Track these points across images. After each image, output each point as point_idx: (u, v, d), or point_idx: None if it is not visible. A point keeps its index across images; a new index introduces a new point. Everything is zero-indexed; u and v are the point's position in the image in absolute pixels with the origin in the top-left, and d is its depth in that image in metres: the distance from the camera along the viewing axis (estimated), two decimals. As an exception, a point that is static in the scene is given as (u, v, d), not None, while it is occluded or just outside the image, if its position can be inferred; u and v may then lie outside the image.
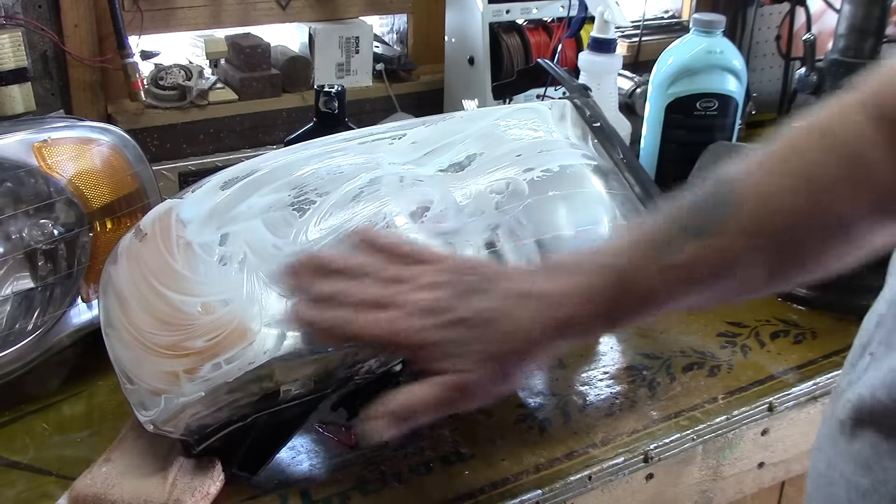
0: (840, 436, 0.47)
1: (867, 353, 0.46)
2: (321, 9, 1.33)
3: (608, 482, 0.75)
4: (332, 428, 0.77)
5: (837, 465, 0.47)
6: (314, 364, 0.63)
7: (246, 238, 0.67)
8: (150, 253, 0.69)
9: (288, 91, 1.31)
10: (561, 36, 1.36)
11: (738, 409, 0.82)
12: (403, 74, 1.42)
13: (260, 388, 0.63)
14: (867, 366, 0.46)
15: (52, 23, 1.12)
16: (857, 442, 0.45)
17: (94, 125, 0.85)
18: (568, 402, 0.82)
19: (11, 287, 0.79)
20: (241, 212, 0.69)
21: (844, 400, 0.47)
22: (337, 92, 1.03)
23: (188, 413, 0.64)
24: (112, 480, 0.67)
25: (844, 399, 0.47)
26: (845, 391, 0.48)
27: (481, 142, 0.77)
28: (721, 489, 0.85)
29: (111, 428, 0.75)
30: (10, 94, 1.06)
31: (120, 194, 0.84)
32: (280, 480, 0.71)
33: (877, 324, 0.46)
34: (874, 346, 0.45)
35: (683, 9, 1.71)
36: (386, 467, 0.73)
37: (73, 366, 0.83)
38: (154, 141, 1.23)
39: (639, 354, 0.90)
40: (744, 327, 0.95)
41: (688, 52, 1.13)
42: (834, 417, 0.48)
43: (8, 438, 0.75)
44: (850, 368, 0.48)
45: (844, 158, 0.48)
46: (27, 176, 0.79)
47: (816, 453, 0.51)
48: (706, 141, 1.13)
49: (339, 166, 0.72)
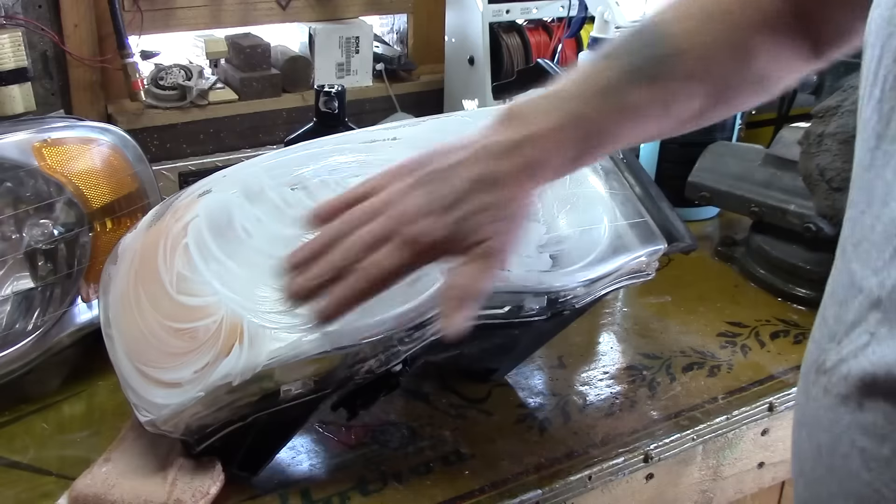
0: (842, 409, 0.48)
1: (862, 332, 0.47)
2: (321, 9, 1.33)
3: (608, 482, 0.75)
4: (332, 428, 0.77)
5: (846, 437, 0.48)
6: (314, 364, 0.63)
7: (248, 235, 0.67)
8: (149, 253, 0.69)
9: (288, 91, 1.31)
10: (561, 36, 1.36)
11: (738, 409, 0.82)
12: (403, 74, 1.43)
13: (260, 388, 0.63)
14: (867, 343, 0.46)
15: (52, 23, 1.12)
16: (868, 414, 0.46)
17: (94, 125, 0.85)
18: (568, 402, 0.82)
19: (11, 287, 0.79)
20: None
21: (839, 376, 0.48)
22: (337, 92, 1.03)
23: (188, 413, 0.64)
24: (112, 480, 0.67)
25: (839, 375, 0.48)
26: (837, 367, 0.48)
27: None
28: (721, 489, 0.85)
29: (111, 428, 0.75)
30: (10, 94, 1.06)
31: (120, 194, 0.84)
32: (280, 480, 0.71)
33: (871, 305, 0.46)
34: (872, 325, 0.46)
35: (683, 9, 1.71)
36: (386, 467, 0.73)
37: (73, 366, 0.83)
38: (154, 141, 1.23)
39: (639, 354, 0.90)
40: (744, 327, 0.95)
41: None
42: (829, 394, 0.49)
43: (8, 438, 0.75)
44: (835, 345, 0.49)
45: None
46: (27, 176, 0.79)
47: (810, 429, 0.52)
48: (706, 141, 1.13)
49: (337, 166, 0.72)
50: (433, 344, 0.67)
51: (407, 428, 0.78)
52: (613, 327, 0.96)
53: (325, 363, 0.63)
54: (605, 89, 0.59)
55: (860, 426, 0.47)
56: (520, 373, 0.86)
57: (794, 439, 0.56)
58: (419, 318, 0.64)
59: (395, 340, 0.65)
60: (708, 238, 1.16)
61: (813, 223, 0.98)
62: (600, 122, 0.59)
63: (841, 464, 0.48)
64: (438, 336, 0.64)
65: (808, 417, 0.53)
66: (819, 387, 0.51)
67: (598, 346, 0.92)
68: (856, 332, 0.48)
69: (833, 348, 0.50)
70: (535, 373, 0.86)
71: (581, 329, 0.93)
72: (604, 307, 0.98)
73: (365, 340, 0.63)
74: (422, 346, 0.66)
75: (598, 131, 0.59)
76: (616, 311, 0.99)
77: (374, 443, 0.76)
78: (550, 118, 0.58)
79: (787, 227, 1.02)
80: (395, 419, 0.79)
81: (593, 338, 0.93)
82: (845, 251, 0.51)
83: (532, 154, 0.57)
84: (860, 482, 0.47)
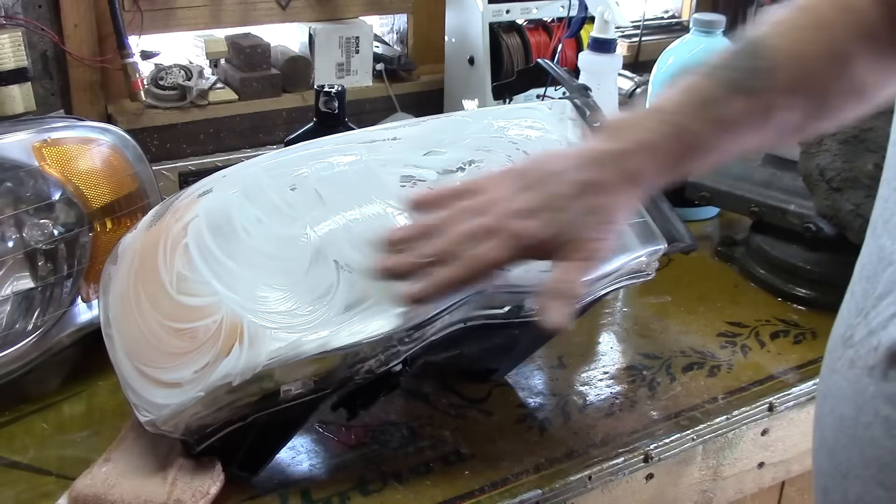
0: (867, 379, 0.50)
1: (891, 302, 0.50)
2: (321, 9, 1.33)
3: (608, 482, 0.75)
4: (332, 428, 0.77)
5: (870, 407, 0.50)
6: (314, 364, 0.63)
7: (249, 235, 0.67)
8: (149, 253, 0.69)
9: (288, 91, 1.31)
10: (561, 36, 1.36)
11: (738, 409, 0.82)
12: (403, 74, 1.42)
13: (260, 388, 0.63)
14: (893, 315, 0.50)
15: (52, 23, 1.12)
16: (893, 383, 0.49)
17: (94, 125, 0.85)
18: (568, 402, 0.82)
19: (11, 287, 0.79)
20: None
21: (868, 348, 0.50)
22: (337, 92, 1.03)
23: (188, 413, 0.64)
24: (112, 480, 0.67)
25: (867, 347, 0.51)
26: (865, 339, 0.51)
27: (481, 142, 0.77)
28: (721, 489, 0.85)
29: (111, 428, 0.75)
30: (10, 94, 1.06)
31: (120, 194, 0.84)
32: (280, 480, 0.71)
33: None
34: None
35: (683, 9, 1.72)
36: (386, 467, 0.73)
37: (73, 366, 0.83)
38: (154, 141, 1.23)
39: (639, 354, 0.90)
40: (744, 327, 0.95)
41: (688, 52, 1.13)
42: (855, 366, 0.51)
43: (8, 438, 0.75)
44: (862, 319, 0.52)
45: (841, 10, 0.59)
46: (27, 176, 0.79)
47: (834, 402, 0.54)
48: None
49: (337, 166, 0.72)
50: (433, 344, 0.67)
51: (407, 428, 0.78)
52: (613, 327, 0.96)
53: (325, 363, 0.63)
54: (703, 102, 0.60)
55: (885, 395, 0.49)
56: (520, 373, 0.86)
57: (817, 413, 0.58)
58: (419, 318, 0.65)
59: (395, 340, 0.65)
60: (708, 238, 1.16)
61: (813, 223, 0.98)
62: (699, 134, 0.60)
63: (863, 433, 0.50)
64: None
65: (833, 390, 0.55)
66: (845, 360, 0.53)
67: (598, 346, 0.92)
68: (884, 303, 0.50)
69: (861, 322, 0.52)
70: (535, 373, 0.86)
71: (581, 329, 0.93)
72: (604, 307, 0.98)
73: (365, 340, 0.63)
74: (422, 346, 0.66)
75: (696, 143, 0.61)
76: (616, 311, 0.99)
77: (374, 443, 0.76)
78: (651, 130, 0.61)
79: (787, 227, 1.02)
80: (395, 419, 0.79)
81: (593, 338, 0.93)
82: (875, 228, 0.54)
83: (633, 164, 0.60)
84: (883, 450, 0.49)
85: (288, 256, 0.66)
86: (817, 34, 0.60)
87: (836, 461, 0.54)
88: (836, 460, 0.54)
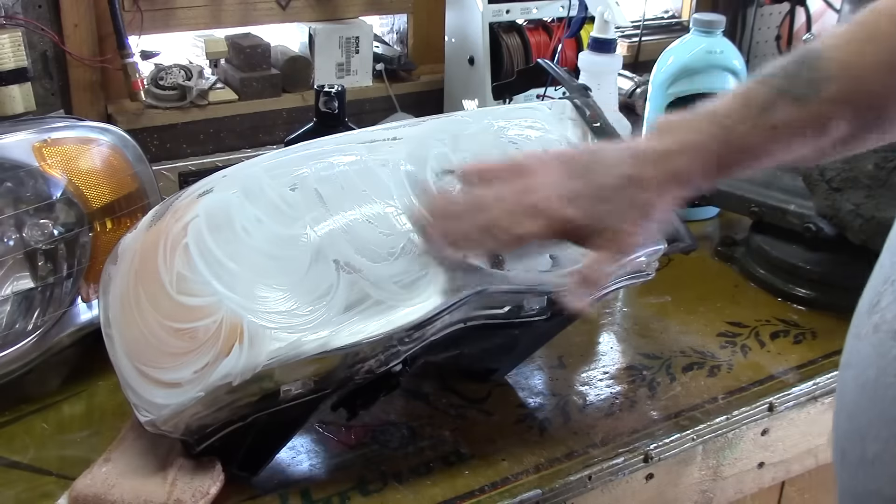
0: (891, 342, 0.52)
1: None
2: (321, 9, 1.33)
3: (608, 482, 0.75)
4: (332, 428, 0.77)
5: (891, 368, 0.52)
6: (314, 364, 0.63)
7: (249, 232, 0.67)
8: (149, 253, 0.69)
9: (288, 91, 1.31)
10: (561, 36, 1.36)
11: (738, 409, 0.82)
12: (403, 74, 1.42)
13: (260, 388, 0.63)
14: None
15: (52, 23, 1.12)
16: None
17: (94, 125, 0.85)
18: (568, 402, 0.82)
19: (11, 287, 0.79)
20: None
21: (894, 312, 0.53)
22: (337, 92, 1.03)
23: (188, 413, 0.64)
24: (112, 480, 0.67)
25: (893, 311, 0.53)
26: (892, 304, 0.53)
27: (481, 143, 0.77)
28: (721, 489, 0.85)
29: (111, 428, 0.75)
30: (10, 94, 1.06)
31: (120, 194, 0.84)
32: (280, 480, 0.71)
33: None
34: None
35: (683, 9, 1.72)
36: (386, 467, 0.73)
37: (73, 366, 0.83)
38: (154, 141, 1.23)
39: (639, 354, 0.90)
40: (744, 327, 0.95)
41: (688, 52, 1.13)
42: (879, 330, 0.54)
43: (8, 438, 0.75)
44: (890, 286, 0.54)
45: None
46: (27, 176, 0.79)
47: (856, 368, 0.56)
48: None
49: (337, 166, 0.72)
50: (433, 344, 0.67)
51: (407, 428, 0.78)
52: (613, 327, 0.96)
53: (325, 363, 0.63)
54: (755, 107, 0.61)
55: None
56: (520, 373, 0.86)
57: (840, 380, 0.60)
58: (419, 318, 0.65)
59: (395, 340, 0.65)
60: (708, 238, 1.16)
61: (813, 223, 0.98)
62: (747, 138, 0.61)
63: (883, 393, 0.52)
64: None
65: (856, 357, 0.57)
66: (870, 325, 0.55)
67: (598, 346, 0.92)
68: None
69: (888, 289, 0.55)
70: (535, 373, 0.86)
71: (581, 329, 0.93)
72: (604, 307, 0.98)
73: (365, 340, 0.63)
74: (422, 346, 0.66)
75: (744, 147, 0.62)
76: (616, 311, 0.99)
77: (374, 443, 0.76)
78: (699, 132, 0.62)
79: (787, 227, 1.02)
80: (395, 419, 0.79)
81: (593, 338, 0.93)
82: None
83: (679, 164, 0.62)
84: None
85: (288, 256, 0.66)
86: (874, 46, 0.60)
87: (856, 422, 0.55)
88: (855, 422, 0.55)
